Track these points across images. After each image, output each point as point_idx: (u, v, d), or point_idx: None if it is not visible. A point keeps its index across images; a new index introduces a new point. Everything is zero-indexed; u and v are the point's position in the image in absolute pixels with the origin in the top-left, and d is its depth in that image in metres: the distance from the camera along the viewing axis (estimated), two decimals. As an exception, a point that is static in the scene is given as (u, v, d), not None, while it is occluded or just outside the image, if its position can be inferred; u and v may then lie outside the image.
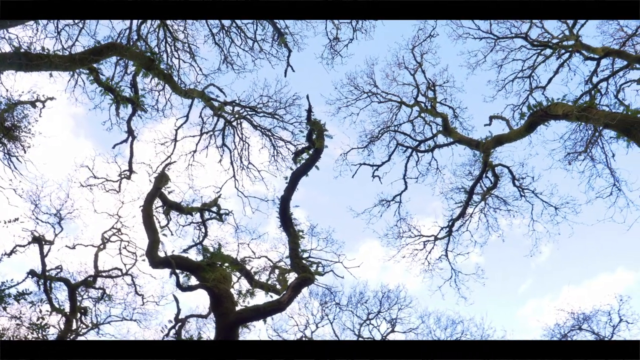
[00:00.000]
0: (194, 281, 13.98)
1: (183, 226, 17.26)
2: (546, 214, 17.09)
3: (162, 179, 15.43)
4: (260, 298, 14.55)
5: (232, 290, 13.32)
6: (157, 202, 16.32)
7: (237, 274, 14.62)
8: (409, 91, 18.76)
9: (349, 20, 15.48)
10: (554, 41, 17.35)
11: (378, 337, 20.30)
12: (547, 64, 17.72)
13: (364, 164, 18.20)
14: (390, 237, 18.10)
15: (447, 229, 17.37)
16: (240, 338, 16.91)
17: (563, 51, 17.10)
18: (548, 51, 17.51)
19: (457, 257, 17.62)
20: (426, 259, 17.71)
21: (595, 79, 16.59)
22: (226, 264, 13.96)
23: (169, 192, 16.12)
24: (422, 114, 18.30)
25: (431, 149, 18.10)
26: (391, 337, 20.50)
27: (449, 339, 21.03)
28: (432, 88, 18.35)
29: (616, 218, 14.61)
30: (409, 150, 18.15)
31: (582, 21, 17.18)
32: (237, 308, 12.73)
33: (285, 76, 15.81)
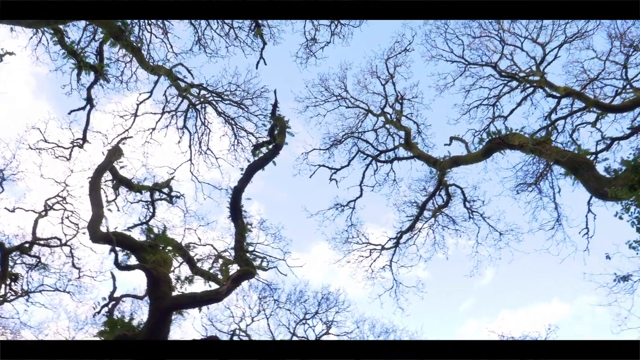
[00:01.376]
0: (133, 261, 13.67)
1: (131, 203, 16.87)
2: (491, 238, 17.67)
3: (115, 153, 15.03)
4: (199, 286, 14.37)
5: (171, 274, 13.10)
6: (107, 176, 15.89)
7: (179, 259, 14.38)
8: (377, 100, 19.01)
9: (328, 23, 15.51)
10: (521, 74, 17.90)
11: (312, 338, 20.41)
12: (512, 95, 18.28)
13: (324, 165, 18.32)
14: (339, 241, 18.28)
15: (395, 240, 17.66)
16: (174, 324, 16.67)
17: (528, 85, 17.65)
18: (514, 83, 18.05)
19: (400, 269, 17.96)
20: (370, 266, 17.96)
21: (554, 116, 17.23)
22: (169, 248, 13.73)
23: (121, 167, 15.74)
24: (387, 125, 18.54)
25: (391, 160, 18.39)
26: (325, 339, 20.65)
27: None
28: (400, 101, 18.62)
29: (552, 250, 15.28)
30: (369, 158, 18.38)
31: (550, 59, 17.83)
32: (174, 293, 12.53)
33: (256, 68, 15.70)
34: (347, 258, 18.06)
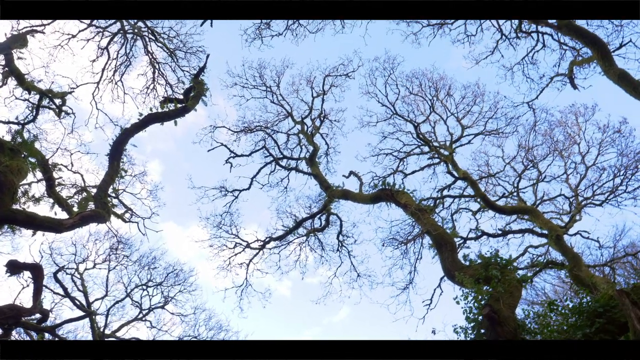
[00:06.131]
0: (-13, 157, 12.56)
1: (16, 98, 15.60)
2: (348, 276, 18.34)
3: (18, 40, 13.84)
4: (45, 210, 13.52)
5: (21, 187, 12.20)
6: (1, 60, 14.59)
7: (39, 174, 13.46)
8: (302, 109, 19.20)
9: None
10: (435, 144, 18.96)
11: (146, 305, 19.88)
12: (420, 158, 19.31)
13: (225, 145, 18.07)
14: (210, 222, 18.07)
15: (262, 243, 17.77)
16: (4, 237, 15.52)
17: (436, 156, 18.72)
18: (426, 148, 19.08)
19: (255, 272, 18.08)
20: (229, 258, 17.90)
21: (445, 192, 18.43)
22: (32, 159, 12.78)
23: (18, 58, 14.50)
24: (301, 135, 18.76)
25: (290, 168, 18.57)
26: (158, 312, 20.19)
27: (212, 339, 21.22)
28: (322, 119, 18.95)
29: (391, 308, 16.17)
30: (271, 158, 18.42)
31: (464, 141, 19.09)
32: (14, 206, 11.65)
33: (201, 25, 15.29)
34: (211, 242, 17.90)
